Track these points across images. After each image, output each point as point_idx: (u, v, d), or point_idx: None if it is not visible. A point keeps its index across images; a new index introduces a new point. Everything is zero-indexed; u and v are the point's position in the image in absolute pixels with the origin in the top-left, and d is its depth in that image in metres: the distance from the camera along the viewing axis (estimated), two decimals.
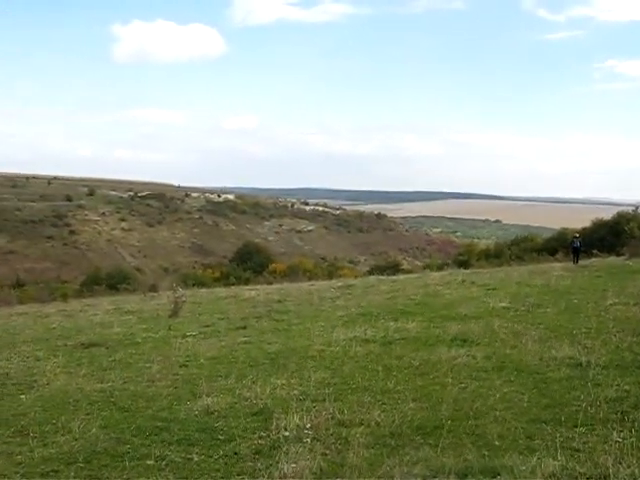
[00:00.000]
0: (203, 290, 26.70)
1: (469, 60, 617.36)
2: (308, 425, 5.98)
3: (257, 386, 7.53)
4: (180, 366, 9.18)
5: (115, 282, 40.72)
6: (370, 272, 45.09)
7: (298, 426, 5.96)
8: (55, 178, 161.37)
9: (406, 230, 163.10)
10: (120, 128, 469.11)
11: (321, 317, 13.91)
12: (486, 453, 5.28)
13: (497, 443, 5.52)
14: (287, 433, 5.85)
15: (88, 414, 6.95)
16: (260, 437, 5.92)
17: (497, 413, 6.26)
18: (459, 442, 5.57)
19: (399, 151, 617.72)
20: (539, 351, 8.91)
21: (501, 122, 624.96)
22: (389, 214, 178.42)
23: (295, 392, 7.36)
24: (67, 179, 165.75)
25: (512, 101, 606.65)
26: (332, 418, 6.22)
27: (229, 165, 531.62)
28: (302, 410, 6.37)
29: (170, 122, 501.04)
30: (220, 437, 6.00)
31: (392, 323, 12.11)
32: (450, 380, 7.51)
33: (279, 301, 17.91)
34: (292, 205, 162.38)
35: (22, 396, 7.95)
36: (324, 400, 6.90)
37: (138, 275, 60.81)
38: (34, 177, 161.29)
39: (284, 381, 7.83)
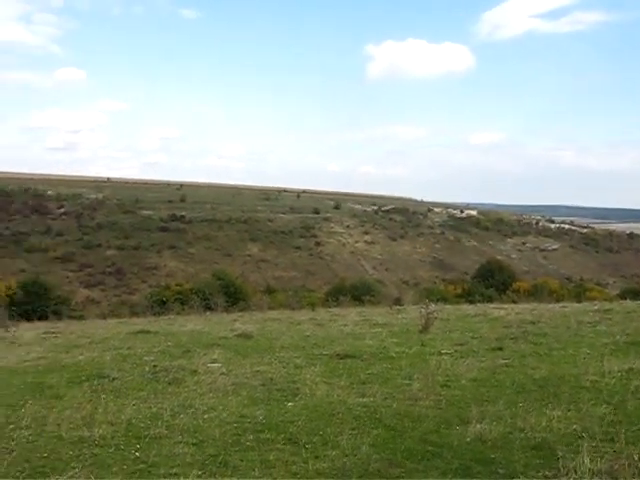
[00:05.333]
0: (448, 306, 26.15)
1: None
2: (604, 470, 5.29)
3: (531, 416, 6.94)
4: (441, 386, 8.78)
5: (359, 293, 41.34)
6: (621, 296, 41.88)
7: (591, 470, 5.27)
8: (304, 192, 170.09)
9: None
10: (368, 145, 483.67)
11: (583, 343, 12.82)
12: None
13: None
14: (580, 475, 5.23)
15: (354, 429, 6.81)
16: (545, 476, 5.34)
17: None
18: None
19: None
20: None
21: None
22: None
23: (575, 427, 6.64)
24: (315, 192, 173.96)
25: None
26: (630, 465, 5.37)
27: (473, 181, 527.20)
28: (590, 450, 5.69)
29: (415, 138, 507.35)
30: (500, 471, 5.52)
31: None
32: None
33: (532, 322, 16.90)
34: (537, 222, 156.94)
35: (289, 403, 8.04)
36: (612, 440, 6.13)
37: (380, 287, 61.55)
38: (285, 190, 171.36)
39: (559, 413, 7.12)
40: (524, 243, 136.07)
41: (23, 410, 7.82)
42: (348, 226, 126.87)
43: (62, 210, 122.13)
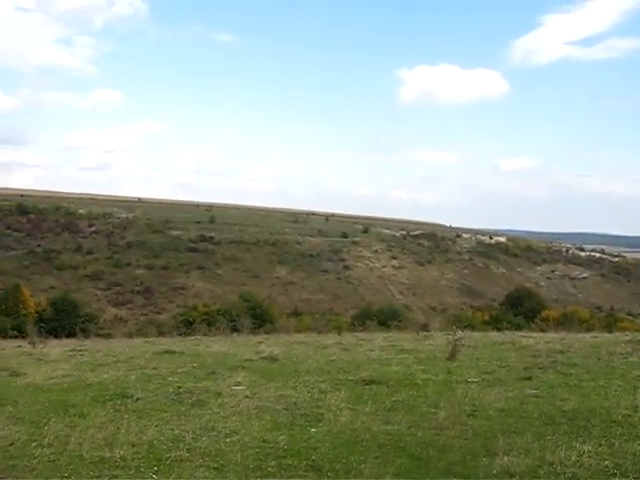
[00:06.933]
0: (476, 333, 25.82)
1: None
2: None
3: (560, 450, 6.73)
4: (468, 415, 8.62)
5: (386, 318, 41.25)
6: None
7: None
8: (333, 215, 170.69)
9: None
10: (398, 169, 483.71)
11: (615, 375, 12.53)
12: None
13: None
14: None
15: (378, 457, 6.69)
16: None
17: None
18: None
19: None
20: None
21: None
22: None
23: (607, 464, 6.43)
24: (344, 216, 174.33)
25: None
26: None
27: (502, 207, 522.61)
28: None
29: (446, 163, 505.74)
30: None
31: None
32: None
33: (561, 352, 16.58)
34: (567, 250, 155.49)
35: (312, 429, 7.93)
36: None
37: (407, 313, 61.22)
38: (313, 214, 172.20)
39: (590, 448, 6.90)
40: (553, 271, 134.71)
41: (46, 428, 7.81)
42: (376, 250, 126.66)
43: (93, 229, 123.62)
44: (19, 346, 21.73)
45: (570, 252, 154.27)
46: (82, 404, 9.33)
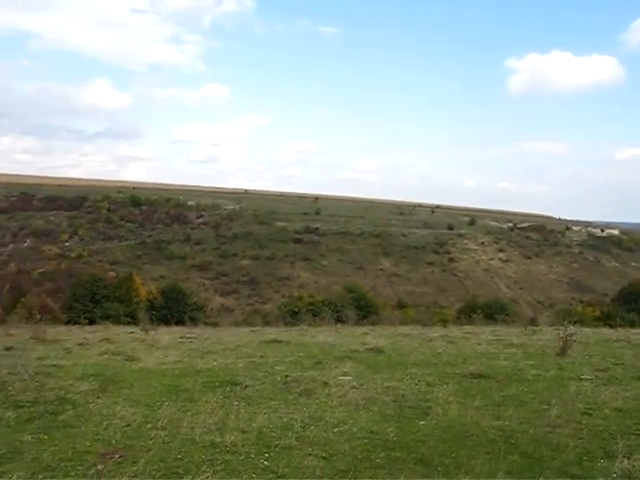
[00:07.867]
0: (586, 329, 24.97)
1: None
2: None
3: None
4: (582, 414, 8.29)
5: (492, 312, 40.39)
6: None
7: None
8: (438, 207, 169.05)
9: None
10: (506, 161, 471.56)
11: None
12: None
13: None
14: None
15: (488, 453, 6.52)
16: None
17: None
18: None
19: None
20: None
21: None
22: None
23: None
24: (450, 208, 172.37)
25: None
26: None
27: (616, 198, 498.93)
28: None
29: (556, 154, 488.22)
30: None
31: None
32: None
33: None
34: None
35: (420, 422, 7.83)
36: None
37: (514, 307, 59.83)
38: (420, 205, 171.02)
39: None
40: None
41: (160, 411, 8.07)
42: (482, 243, 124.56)
43: (201, 220, 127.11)
44: (132, 332, 22.58)
45: None
46: (193, 389, 9.57)
